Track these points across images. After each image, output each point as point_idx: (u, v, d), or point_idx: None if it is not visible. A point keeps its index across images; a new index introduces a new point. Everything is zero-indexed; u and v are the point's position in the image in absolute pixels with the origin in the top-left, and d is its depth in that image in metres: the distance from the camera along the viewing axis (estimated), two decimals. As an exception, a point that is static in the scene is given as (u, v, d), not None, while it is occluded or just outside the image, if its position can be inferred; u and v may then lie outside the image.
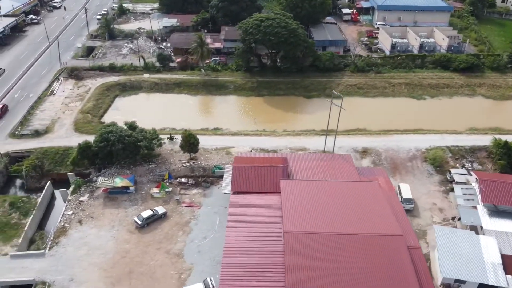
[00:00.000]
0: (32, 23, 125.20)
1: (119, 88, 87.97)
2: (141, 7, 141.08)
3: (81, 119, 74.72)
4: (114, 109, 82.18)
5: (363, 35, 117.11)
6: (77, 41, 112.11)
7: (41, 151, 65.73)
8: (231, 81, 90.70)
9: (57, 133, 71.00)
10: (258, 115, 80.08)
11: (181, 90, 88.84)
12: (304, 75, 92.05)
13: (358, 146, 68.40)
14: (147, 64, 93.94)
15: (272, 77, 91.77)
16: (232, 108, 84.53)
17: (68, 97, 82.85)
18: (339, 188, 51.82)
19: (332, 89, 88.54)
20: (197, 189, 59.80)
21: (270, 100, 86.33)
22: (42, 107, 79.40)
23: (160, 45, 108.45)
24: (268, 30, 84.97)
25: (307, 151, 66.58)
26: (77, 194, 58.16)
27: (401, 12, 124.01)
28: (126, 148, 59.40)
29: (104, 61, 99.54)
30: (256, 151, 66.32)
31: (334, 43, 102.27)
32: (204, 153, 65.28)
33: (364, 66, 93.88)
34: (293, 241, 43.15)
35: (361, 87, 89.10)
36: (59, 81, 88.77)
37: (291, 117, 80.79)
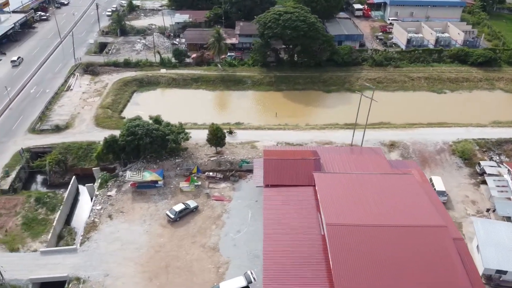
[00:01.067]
0: (41, 19, 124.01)
1: (137, 83, 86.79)
2: (150, 3, 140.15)
3: (101, 114, 73.52)
4: (133, 104, 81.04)
5: (376, 30, 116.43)
6: (89, 37, 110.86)
7: (63, 146, 64.52)
8: (248, 76, 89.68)
9: (78, 128, 69.80)
10: (278, 110, 79.03)
11: (199, 86, 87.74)
12: (322, 69, 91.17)
13: (385, 139, 67.50)
14: (163, 60, 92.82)
15: (289, 72, 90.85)
16: (251, 103, 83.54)
17: (85, 93, 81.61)
18: (375, 180, 50.86)
19: (351, 83, 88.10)
20: (226, 183, 58.74)
21: (289, 94, 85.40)
22: (60, 102, 78.13)
23: (173, 40, 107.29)
24: (287, 23, 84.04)
25: (334, 144, 65.63)
26: (104, 189, 56.95)
27: (414, 8, 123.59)
28: (153, 142, 58.26)
29: (118, 57, 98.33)
30: (281, 145, 65.38)
31: (350, 38, 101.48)
32: (229, 147, 64.19)
33: (382, 60, 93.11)
34: (336, 233, 42.17)
35: (380, 81, 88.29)
36: (75, 77, 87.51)
37: (312, 112, 79.93)
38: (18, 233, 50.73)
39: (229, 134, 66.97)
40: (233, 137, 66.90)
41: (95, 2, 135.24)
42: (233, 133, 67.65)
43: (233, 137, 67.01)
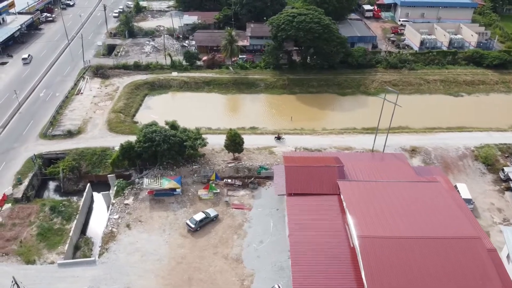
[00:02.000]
0: (47, 21, 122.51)
1: (148, 87, 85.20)
2: (157, 4, 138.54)
3: (114, 119, 71.91)
4: (145, 108, 79.43)
5: (388, 31, 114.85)
6: (97, 39, 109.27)
7: (77, 152, 62.93)
8: (261, 79, 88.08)
9: (90, 133, 68.21)
10: (293, 114, 77.42)
11: (211, 89, 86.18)
12: (336, 72, 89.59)
13: (406, 144, 65.97)
14: (174, 63, 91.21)
15: (303, 74, 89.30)
16: (265, 106, 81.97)
17: (96, 96, 80.00)
18: (402, 189, 49.32)
19: (366, 86, 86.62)
20: (245, 190, 57.18)
21: (303, 98, 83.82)
22: (71, 106, 76.52)
23: (183, 42, 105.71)
24: (302, 26, 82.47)
25: (354, 150, 64.12)
26: (121, 197, 55.39)
27: (425, 9, 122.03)
28: (171, 149, 56.67)
29: (127, 59, 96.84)
30: (300, 151, 63.85)
31: (363, 40, 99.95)
32: (246, 153, 62.65)
33: (397, 62, 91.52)
34: (369, 246, 40.60)
35: (396, 84, 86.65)
36: (85, 80, 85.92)
37: (328, 115, 78.37)
38: (33, 244, 49.15)
39: (278, 140, 65.87)
40: (282, 143, 65.69)
41: (101, 3, 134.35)
42: (281, 139, 66.20)
43: (282, 142, 65.69)
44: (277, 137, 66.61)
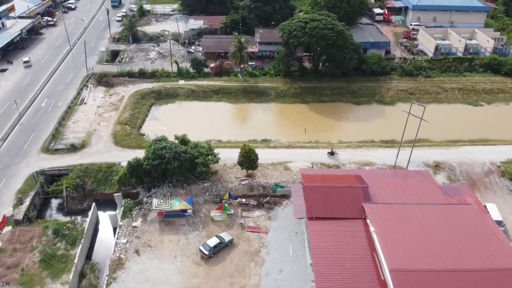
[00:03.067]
0: (48, 25, 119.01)
1: (154, 96, 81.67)
2: (160, 7, 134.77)
3: (120, 131, 68.43)
4: (152, 118, 75.89)
5: (399, 36, 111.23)
6: (100, 44, 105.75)
7: (81, 169, 59.42)
8: (271, 87, 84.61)
9: (95, 148, 64.73)
10: (306, 124, 73.98)
11: (220, 98, 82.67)
12: (349, 79, 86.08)
13: (428, 159, 62.45)
14: (180, 70, 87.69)
15: (315, 82, 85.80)
16: (276, 116, 78.42)
17: (101, 106, 76.49)
18: (432, 213, 45.87)
19: (382, 94, 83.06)
20: (260, 210, 53.69)
21: (316, 107, 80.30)
22: (74, 117, 73.01)
23: (189, 48, 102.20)
24: (315, 32, 78.93)
25: (374, 166, 60.61)
26: (128, 218, 51.93)
27: (437, 12, 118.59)
28: (182, 166, 53.23)
29: (132, 66, 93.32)
30: (316, 167, 60.37)
31: (376, 45, 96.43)
32: (260, 169, 59.10)
33: (412, 69, 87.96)
34: (403, 281, 37.19)
35: (412, 92, 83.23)
36: (88, 89, 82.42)
37: (344, 126, 74.84)
38: (36, 272, 45.65)
39: (331, 155, 62.31)
40: (335, 158, 62.11)
41: (103, 7, 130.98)
42: (335, 154, 62.41)
43: (335, 157, 62.08)
44: (330, 152, 62.54)
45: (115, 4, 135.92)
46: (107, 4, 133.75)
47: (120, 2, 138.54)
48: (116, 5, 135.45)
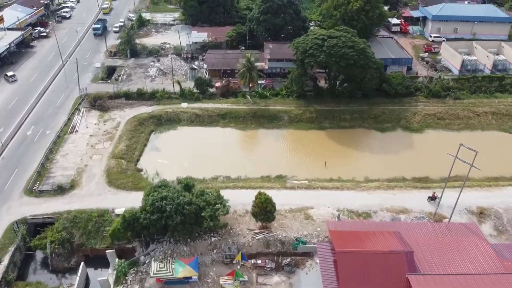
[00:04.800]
0: (40, 36, 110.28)
1: (154, 121, 73.23)
2: (161, 17, 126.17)
3: (115, 167, 60.07)
4: (151, 149, 67.52)
5: (419, 49, 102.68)
6: (95, 59, 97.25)
7: (68, 218, 50.99)
8: (284, 111, 76.19)
9: (86, 189, 56.37)
10: (325, 155, 65.66)
11: (227, 123, 74.30)
12: (370, 101, 77.61)
13: (471, 204, 53.99)
14: (183, 91, 79.28)
15: (332, 104, 77.36)
16: (291, 146, 69.92)
17: (94, 136, 68.13)
18: (492, 287, 37.59)
19: (408, 120, 74.65)
20: (279, 274, 45.24)
21: (335, 134, 71.90)
22: (63, 149, 64.64)
23: (192, 64, 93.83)
24: (333, 51, 70.49)
25: (410, 213, 52.17)
26: (122, 286, 43.64)
27: (458, 23, 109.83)
28: (186, 221, 44.91)
29: (129, 84, 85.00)
30: (343, 214, 52.00)
31: (397, 62, 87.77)
32: (277, 217, 50.41)
33: (440, 90, 79.54)
34: None
35: (441, 117, 74.78)
36: (81, 113, 74.03)
37: (368, 159, 66.05)
38: None
39: (432, 200, 53.97)
40: (434, 204, 53.12)
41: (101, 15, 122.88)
42: (436, 199, 53.43)
43: (435, 203, 52.96)
44: (431, 197, 54.22)
45: (98, 32, 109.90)
46: (102, 15, 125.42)
47: (105, 29, 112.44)
48: (100, 33, 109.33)
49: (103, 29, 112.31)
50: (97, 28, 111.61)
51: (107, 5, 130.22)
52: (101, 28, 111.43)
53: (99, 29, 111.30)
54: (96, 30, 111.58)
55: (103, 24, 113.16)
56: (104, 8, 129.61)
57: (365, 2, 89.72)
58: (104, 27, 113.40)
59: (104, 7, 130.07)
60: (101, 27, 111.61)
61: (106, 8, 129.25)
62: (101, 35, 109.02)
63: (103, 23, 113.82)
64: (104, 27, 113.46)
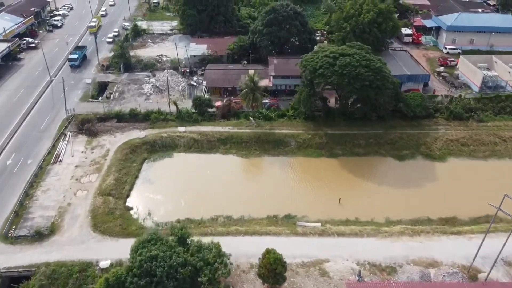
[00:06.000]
0: (28, 47, 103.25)
1: (147, 148, 66.13)
2: (158, 25, 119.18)
3: (101, 207, 52.90)
4: (143, 182, 60.31)
5: (434, 62, 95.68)
6: (86, 73, 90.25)
7: (46, 273, 43.83)
8: (291, 135, 69.19)
9: (67, 234, 49.20)
10: (339, 189, 58.71)
11: (228, 149, 67.29)
12: (385, 124, 70.51)
13: (508, 254, 46.92)
14: (180, 113, 72.27)
15: (344, 128, 70.38)
16: (299, 176, 62.59)
17: (79, 166, 61.03)
18: None
19: (428, 146, 67.60)
20: None
21: (348, 163, 64.76)
22: (44, 184, 57.52)
23: (190, 80, 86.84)
24: (347, 71, 63.56)
25: (441, 267, 45.02)
26: None
27: (474, 34, 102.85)
28: (180, 286, 37.94)
29: (122, 103, 78.18)
30: (364, 269, 44.98)
31: (413, 79, 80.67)
32: (287, 273, 43.49)
33: (461, 112, 72.60)
34: None
35: (465, 143, 67.76)
36: (66, 139, 67.03)
37: (388, 194, 58.33)
38: None
39: None
40: None
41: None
42: None
43: None
44: None
45: (75, 63, 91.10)
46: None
47: (84, 59, 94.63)
48: (77, 65, 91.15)
49: (82, 59, 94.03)
50: (73, 59, 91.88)
51: (95, 23, 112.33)
52: (79, 58, 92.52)
53: (76, 59, 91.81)
54: (72, 61, 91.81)
55: (81, 53, 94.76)
56: (90, 27, 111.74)
57: (377, 13, 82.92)
58: (84, 57, 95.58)
59: (90, 25, 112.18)
60: (78, 57, 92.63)
61: (93, 27, 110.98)
62: (79, 66, 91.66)
63: (81, 52, 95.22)
64: (84, 56, 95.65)
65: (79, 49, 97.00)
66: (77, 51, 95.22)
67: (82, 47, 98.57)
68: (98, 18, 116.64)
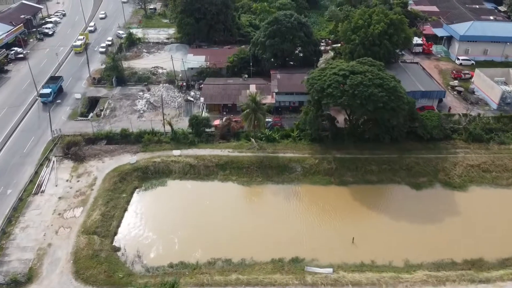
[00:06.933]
0: (16, 58, 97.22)
1: (139, 175, 60.13)
2: (154, 33, 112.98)
3: (85, 248, 46.93)
4: (133, 216, 54.09)
5: (446, 75, 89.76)
6: (76, 87, 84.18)
7: (17, 334, 38.49)
8: (296, 160, 63.24)
9: (46, 283, 43.16)
10: (352, 226, 52.72)
11: (227, 175, 61.36)
12: (400, 147, 64.50)
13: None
14: (176, 134, 66.46)
15: (354, 151, 64.37)
16: (307, 208, 56.32)
17: (63, 198, 55.02)
18: None
19: (447, 172, 61.71)
20: None
21: (361, 192, 58.74)
22: (24, 219, 51.50)
23: (187, 95, 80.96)
24: (358, 91, 57.67)
25: (473, 326, 39.62)
26: None
27: (488, 44, 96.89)
28: None
29: (113, 122, 72.41)
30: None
31: (427, 95, 74.69)
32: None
33: (481, 133, 66.75)
34: None
35: (486, 169, 61.79)
36: (51, 164, 61.07)
37: (406, 231, 52.13)
38: None
39: None
40: None
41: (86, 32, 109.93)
42: None
43: None
44: None
45: (48, 99, 75.42)
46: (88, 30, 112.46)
47: (59, 92, 79.29)
48: (50, 101, 75.63)
49: (55, 93, 77.94)
50: (46, 94, 75.73)
51: (81, 41, 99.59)
52: (52, 93, 76.58)
53: (49, 95, 75.89)
54: (44, 96, 75.62)
55: (55, 87, 78.50)
56: (75, 46, 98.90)
57: (389, 24, 76.97)
58: (59, 89, 79.61)
59: (75, 45, 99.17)
60: (52, 91, 76.75)
61: (78, 46, 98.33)
62: (52, 102, 75.94)
63: (55, 85, 78.91)
64: (59, 89, 79.61)
65: (53, 81, 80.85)
66: (50, 85, 78.64)
67: (58, 78, 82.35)
68: (85, 35, 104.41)
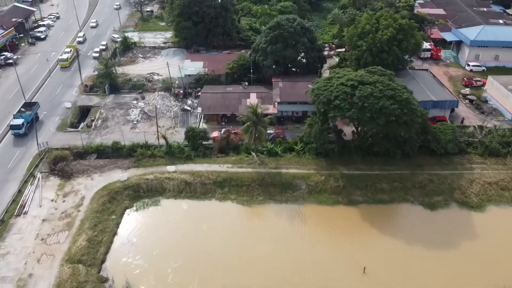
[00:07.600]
0: (6, 64, 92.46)
1: (130, 194, 55.50)
2: (150, 37, 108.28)
3: (68, 280, 42.17)
4: (122, 240, 49.29)
5: (457, 82, 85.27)
6: (66, 95, 79.67)
7: None
8: (301, 176, 58.66)
9: (22, 323, 39.19)
10: (363, 252, 48.03)
11: (226, 194, 56.69)
12: (411, 162, 59.95)
13: None
14: (171, 148, 61.95)
15: (363, 167, 59.74)
16: (313, 231, 51.52)
17: (47, 221, 50.34)
18: None
19: (463, 191, 57.01)
20: None
21: (371, 212, 54.08)
22: (4, 244, 46.80)
23: (183, 104, 76.42)
24: (368, 103, 53.17)
25: None
26: None
27: (499, 50, 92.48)
28: None
29: (104, 133, 67.87)
30: None
31: (439, 105, 70.24)
32: None
33: (498, 147, 62.23)
34: None
35: (505, 186, 57.20)
36: (35, 182, 56.44)
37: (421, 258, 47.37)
38: None
39: None
40: None
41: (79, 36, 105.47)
42: None
43: None
44: None
45: (19, 132, 65.31)
46: (85, 29, 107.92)
47: (34, 121, 67.11)
48: (21, 133, 65.38)
49: (28, 124, 66.85)
50: (16, 126, 65.29)
51: (68, 55, 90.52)
52: (24, 125, 65.89)
53: (21, 126, 65.34)
54: (15, 129, 65.36)
55: (29, 117, 67.34)
56: (61, 60, 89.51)
57: (398, 30, 72.48)
58: (32, 120, 67.27)
59: (61, 58, 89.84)
60: (24, 122, 66.11)
61: (64, 60, 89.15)
62: (26, 134, 65.70)
63: (29, 115, 67.53)
64: (32, 119, 67.32)
65: (27, 108, 69.46)
66: (22, 115, 67.11)
67: (33, 105, 71.12)
68: (72, 48, 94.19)
